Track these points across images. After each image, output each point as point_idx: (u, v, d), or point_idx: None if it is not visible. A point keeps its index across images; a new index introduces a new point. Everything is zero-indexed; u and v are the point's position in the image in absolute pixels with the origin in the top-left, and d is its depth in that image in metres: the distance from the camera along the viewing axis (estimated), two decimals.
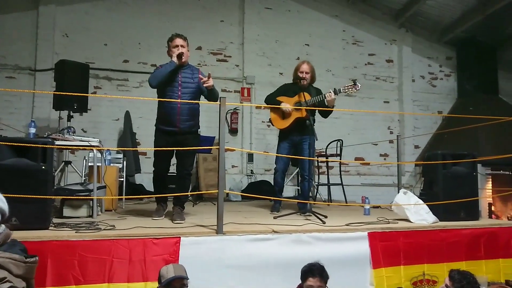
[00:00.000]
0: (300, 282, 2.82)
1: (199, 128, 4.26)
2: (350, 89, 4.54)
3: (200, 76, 4.00)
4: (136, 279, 2.96)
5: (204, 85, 3.93)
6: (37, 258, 2.15)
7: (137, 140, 7.47)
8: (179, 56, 3.91)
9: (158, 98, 4.01)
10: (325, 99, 4.54)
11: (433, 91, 9.50)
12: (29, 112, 7.14)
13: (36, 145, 3.11)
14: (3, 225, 2.07)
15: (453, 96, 9.60)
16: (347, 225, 3.78)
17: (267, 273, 3.17)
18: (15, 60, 7.24)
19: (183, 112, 3.93)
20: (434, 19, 8.98)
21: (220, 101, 3.35)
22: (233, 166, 8.15)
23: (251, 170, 8.09)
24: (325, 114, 4.82)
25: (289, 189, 7.44)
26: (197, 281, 2.84)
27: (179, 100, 3.90)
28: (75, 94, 5.23)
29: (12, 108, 7.08)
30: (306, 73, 4.67)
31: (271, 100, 4.65)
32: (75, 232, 3.10)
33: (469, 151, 4.52)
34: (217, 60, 8.28)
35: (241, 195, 6.84)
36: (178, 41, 4.00)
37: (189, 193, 6.20)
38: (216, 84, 8.18)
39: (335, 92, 4.51)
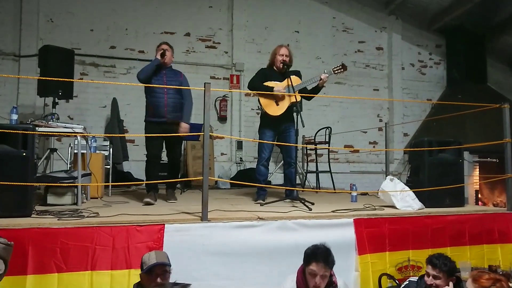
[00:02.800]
0: (302, 264, 2.77)
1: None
2: (338, 71, 4.50)
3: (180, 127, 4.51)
4: (119, 266, 2.93)
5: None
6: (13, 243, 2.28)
7: (124, 128, 7.39)
8: (162, 54, 4.51)
9: (146, 95, 4.56)
10: (319, 80, 4.46)
11: (423, 79, 9.52)
12: (14, 99, 7.02)
13: (15, 131, 3.04)
14: None
15: (442, 84, 9.63)
16: (333, 211, 3.78)
17: (251, 260, 3.16)
18: None
19: (169, 104, 4.47)
20: (423, 6, 8.94)
21: (204, 87, 3.29)
22: (222, 154, 8.12)
23: (240, 158, 8.07)
24: (309, 98, 4.78)
25: (278, 176, 7.43)
26: (181, 268, 2.83)
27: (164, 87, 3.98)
28: (58, 79, 5.12)
29: None
30: (286, 56, 4.59)
31: (258, 85, 4.54)
32: (57, 220, 3.06)
33: (456, 139, 4.53)
34: (205, 47, 8.18)
35: (230, 182, 6.82)
36: (164, 46, 4.62)
37: (177, 180, 6.21)
38: (204, 71, 8.23)
39: (327, 74, 4.47)
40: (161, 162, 4.68)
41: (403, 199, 4.07)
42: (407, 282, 3.10)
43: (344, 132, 7.94)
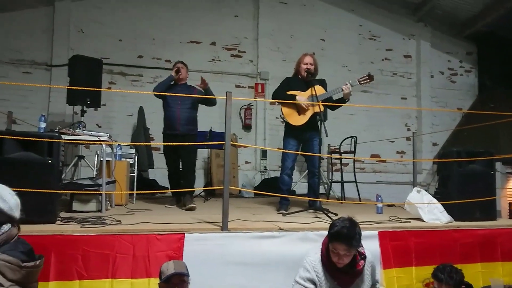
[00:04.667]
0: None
1: (197, 133, 5.04)
2: (364, 81, 4.40)
3: (196, 85, 4.90)
4: (139, 275, 2.94)
5: (200, 85, 4.82)
6: (38, 262, 2.07)
7: (150, 136, 7.49)
8: (177, 71, 4.87)
9: (163, 109, 4.97)
10: (341, 92, 4.39)
11: (453, 87, 9.25)
12: (45, 107, 7.23)
13: (41, 139, 3.11)
14: (8, 224, 2.02)
15: (473, 92, 9.34)
16: None
17: (271, 271, 3.11)
18: (31, 55, 7.33)
19: (182, 117, 4.78)
20: (454, 13, 8.72)
21: (226, 96, 3.28)
22: (246, 162, 8.10)
23: (265, 167, 8.03)
24: (334, 107, 4.70)
25: (303, 186, 7.34)
26: (200, 278, 2.80)
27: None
28: (86, 88, 5.24)
29: (28, 103, 7.16)
30: (311, 64, 4.53)
31: (281, 95, 4.51)
32: (80, 227, 3.10)
33: (487, 149, 4.35)
34: (231, 56, 8.22)
35: (253, 192, 6.78)
36: (179, 64, 4.97)
37: (201, 189, 6.23)
38: (229, 79, 8.26)
39: (351, 85, 4.38)
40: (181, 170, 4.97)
41: (431, 212, 3.93)
42: None
43: (370, 141, 7.79)
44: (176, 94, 4.67)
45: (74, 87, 5.51)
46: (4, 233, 1.98)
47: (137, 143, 6.63)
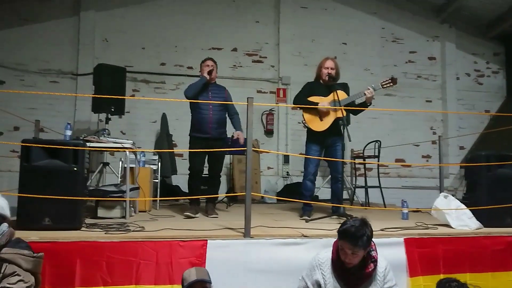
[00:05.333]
0: None
1: (227, 135, 4.86)
2: (387, 84, 4.32)
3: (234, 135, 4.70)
4: (162, 281, 2.95)
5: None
6: (42, 254, 2.31)
7: (173, 142, 7.55)
8: (210, 72, 4.58)
9: (192, 111, 4.66)
10: (364, 96, 4.33)
11: (480, 89, 9.01)
12: (71, 115, 7.39)
13: (66, 147, 3.16)
14: (5, 224, 2.23)
15: (501, 94, 9.06)
16: (382, 230, 3.60)
17: (294, 279, 3.06)
18: (58, 65, 7.53)
19: (214, 120, 4.56)
20: (479, 13, 8.51)
21: (247, 102, 3.28)
22: (268, 168, 8.07)
23: (287, 172, 7.99)
24: (356, 112, 4.63)
25: (326, 191, 7.26)
26: (222, 285, 2.79)
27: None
28: (111, 96, 5.34)
29: (55, 111, 7.34)
30: (332, 69, 4.48)
31: (302, 101, 4.47)
32: (105, 233, 3.13)
33: None
34: (252, 61, 8.24)
35: (275, 198, 6.75)
36: (209, 62, 4.67)
37: (224, 195, 6.23)
38: (251, 85, 8.29)
39: (374, 89, 4.31)
40: (202, 175, 4.81)
41: (459, 218, 3.81)
42: None
43: (395, 145, 7.65)
44: (207, 102, 4.51)
45: (99, 95, 5.61)
46: (4, 232, 2.21)
47: (158, 150, 6.70)
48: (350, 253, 2.55)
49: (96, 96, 5.81)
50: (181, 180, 7.29)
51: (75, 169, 3.27)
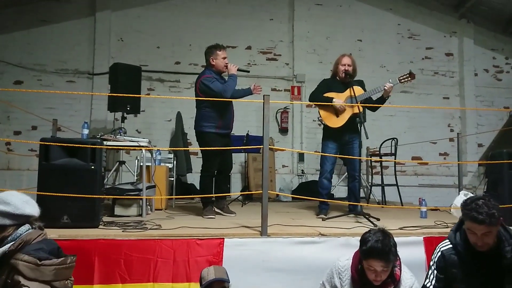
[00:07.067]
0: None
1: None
2: (405, 79, 4.26)
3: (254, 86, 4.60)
4: (180, 279, 2.95)
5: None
6: (61, 260, 2.03)
7: (188, 140, 7.57)
8: (242, 69, 4.52)
9: (212, 107, 4.32)
10: (383, 90, 4.27)
11: (499, 85, 8.82)
12: (88, 114, 7.47)
13: (84, 146, 3.19)
14: (26, 226, 2.05)
15: None
16: (400, 228, 3.55)
17: (312, 278, 3.03)
18: (74, 65, 7.60)
19: (233, 116, 4.50)
20: (498, 8, 8.32)
21: (264, 99, 3.25)
22: (283, 166, 8.04)
23: (302, 170, 7.95)
24: (375, 108, 4.57)
25: (342, 189, 7.21)
26: (240, 284, 2.78)
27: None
28: (126, 95, 5.36)
29: (72, 110, 7.44)
30: (349, 65, 4.43)
31: (318, 97, 4.43)
32: (122, 231, 3.15)
33: None
34: (266, 59, 8.20)
35: (291, 196, 6.72)
36: (225, 54, 4.49)
37: (239, 193, 6.23)
38: (266, 83, 8.26)
39: (392, 84, 4.26)
40: None
41: None
42: (440, 254, 2.55)
43: (411, 143, 7.55)
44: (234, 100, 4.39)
45: (114, 94, 5.64)
46: (20, 235, 2.00)
47: (174, 148, 6.71)
48: (381, 270, 2.35)
49: (112, 95, 5.85)
50: (196, 178, 7.25)
51: (93, 167, 3.30)
